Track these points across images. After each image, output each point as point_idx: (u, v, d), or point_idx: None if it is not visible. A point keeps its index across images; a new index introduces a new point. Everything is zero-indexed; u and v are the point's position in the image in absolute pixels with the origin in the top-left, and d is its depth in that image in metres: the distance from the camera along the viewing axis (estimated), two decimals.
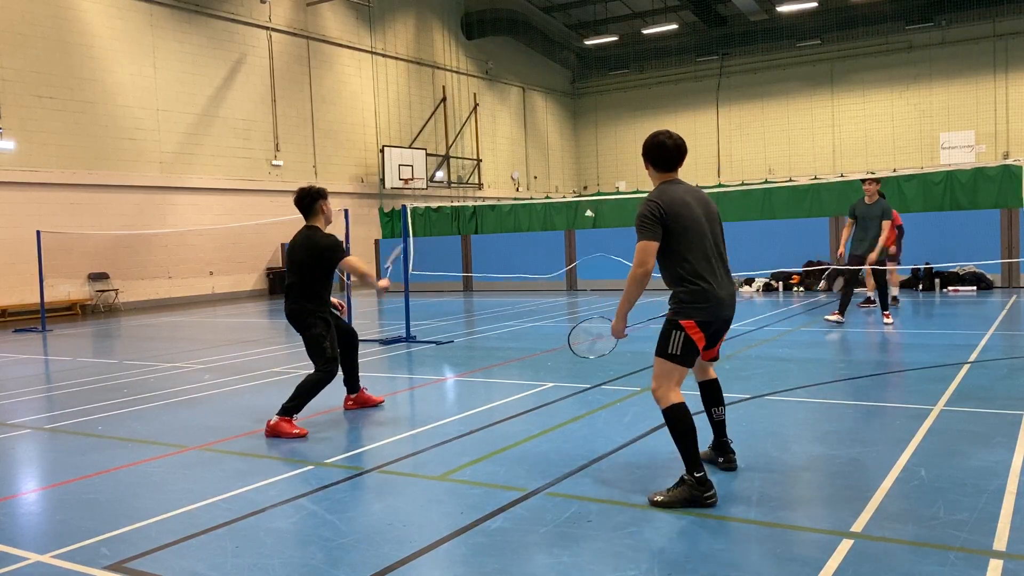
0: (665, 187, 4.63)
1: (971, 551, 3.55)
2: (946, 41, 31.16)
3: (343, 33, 27.72)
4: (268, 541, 4.02)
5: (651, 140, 4.75)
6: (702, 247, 4.53)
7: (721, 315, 4.58)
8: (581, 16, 36.75)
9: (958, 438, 5.33)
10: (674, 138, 4.69)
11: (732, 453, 4.89)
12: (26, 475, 5.71)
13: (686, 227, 4.49)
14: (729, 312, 4.63)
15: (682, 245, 4.49)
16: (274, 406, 7.46)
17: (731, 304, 4.62)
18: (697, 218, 4.55)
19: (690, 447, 4.37)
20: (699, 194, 4.73)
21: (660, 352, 4.56)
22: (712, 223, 4.65)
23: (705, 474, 4.32)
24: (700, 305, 4.49)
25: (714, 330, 4.60)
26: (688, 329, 4.50)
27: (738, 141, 35.33)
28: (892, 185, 18.51)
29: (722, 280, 4.57)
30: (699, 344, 4.54)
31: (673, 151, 4.67)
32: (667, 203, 4.50)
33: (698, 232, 4.53)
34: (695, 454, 4.36)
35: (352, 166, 28.07)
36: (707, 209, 4.65)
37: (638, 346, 10.25)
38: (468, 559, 3.72)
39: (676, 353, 4.50)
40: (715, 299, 4.50)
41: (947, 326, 11.38)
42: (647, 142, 4.76)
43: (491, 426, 6.30)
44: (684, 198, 4.57)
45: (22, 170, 18.95)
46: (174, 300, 22.38)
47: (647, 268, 4.45)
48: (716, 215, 4.71)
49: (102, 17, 20.63)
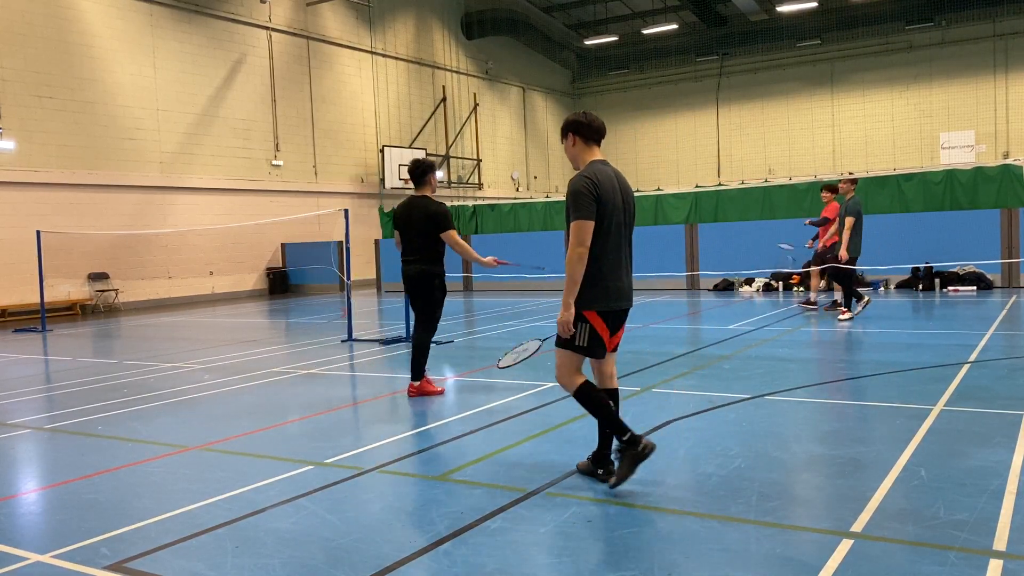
0: (596, 166, 4.58)
1: (971, 551, 3.55)
2: (946, 41, 31.16)
3: (343, 33, 27.72)
4: (268, 541, 4.02)
5: (572, 116, 4.71)
6: (616, 233, 4.55)
7: (620, 306, 4.63)
8: (581, 16, 36.75)
9: (958, 438, 5.33)
10: (593, 115, 4.71)
11: (612, 465, 4.65)
12: (26, 475, 5.71)
13: (608, 212, 4.48)
14: (627, 303, 4.67)
15: (599, 229, 4.46)
16: (274, 406, 7.48)
17: (629, 296, 4.68)
18: (617, 204, 4.54)
19: (610, 415, 4.54)
20: (623, 180, 4.70)
21: (565, 344, 4.59)
22: (627, 212, 4.64)
23: (632, 433, 4.47)
24: (604, 294, 4.54)
25: (616, 321, 4.67)
26: (592, 320, 4.55)
27: (738, 141, 35.32)
28: (892, 185, 18.52)
29: (625, 271, 4.64)
30: (603, 335, 4.61)
31: (599, 124, 4.68)
32: (599, 182, 4.47)
33: (615, 219, 4.53)
34: (616, 420, 4.52)
35: (352, 166, 28.07)
36: (626, 197, 4.64)
37: (638, 346, 10.26)
38: (468, 559, 3.72)
39: (583, 345, 4.57)
40: (615, 290, 4.56)
41: (947, 326, 11.38)
42: (570, 118, 4.70)
43: (491, 426, 6.30)
44: (612, 182, 4.55)
45: (22, 170, 18.95)
46: (174, 300, 22.38)
47: (587, 247, 4.41)
48: (633, 205, 4.70)
49: (102, 17, 20.63)
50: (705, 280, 18.89)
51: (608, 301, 4.55)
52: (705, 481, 4.66)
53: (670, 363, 8.81)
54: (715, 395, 6.97)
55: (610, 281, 4.53)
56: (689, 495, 4.46)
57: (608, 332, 4.62)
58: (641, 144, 37.40)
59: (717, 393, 7.04)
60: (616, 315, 4.64)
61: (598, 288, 4.51)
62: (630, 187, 4.72)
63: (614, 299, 4.57)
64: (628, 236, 4.66)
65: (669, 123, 36.63)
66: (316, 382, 8.69)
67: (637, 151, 37.52)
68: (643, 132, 37.34)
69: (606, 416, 4.54)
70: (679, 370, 8.35)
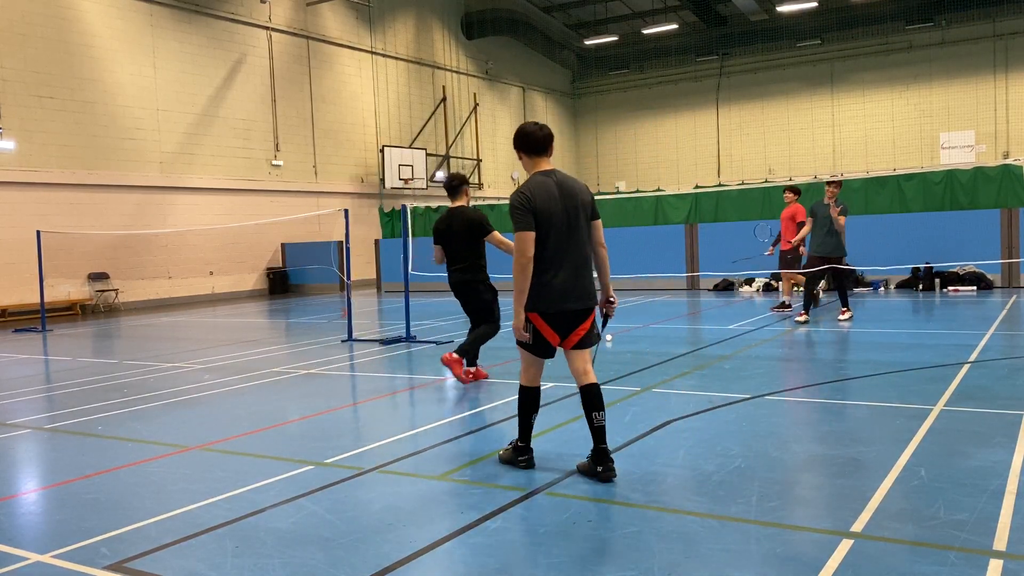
0: (536, 178, 4.81)
1: (971, 551, 3.55)
2: (946, 41, 31.16)
3: (343, 33, 27.71)
4: (268, 541, 4.02)
5: (518, 130, 4.93)
6: (556, 239, 4.71)
7: (565, 307, 4.74)
8: (581, 16, 36.75)
9: (958, 438, 5.33)
10: (540, 127, 4.91)
11: (610, 461, 4.71)
12: (26, 475, 5.71)
13: (546, 219, 4.68)
14: (575, 305, 4.76)
15: (538, 237, 4.68)
16: (274, 406, 7.48)
17: (579, 297, 4.76)
18: (558, 211, 4.70)
19: (523, 421, 5.00)
20: (570, 185, 4.82)
21: (519, 344, 4.88)
22: (575, 215, 4.76)
23: (526, 445, 5.03)
24: (543, 297, 4.72)
25: (563, 322, 4.77)
26: (534, 321, 4.77)
27: (738, 141, 35.32)
28: (892, 185, 18.51)
29: (572, 273, 4.74)
30: (549, 337, 4.78)
31: (541, 137, 4.87)
32: (535, 194, 4.70)
33: (556, 224, 4.70)
34: (524, 428, 5.01)
35: (352, 166, 28.07)
36: (573, 201, 4.76)
37: (639, 346, 10.26)
38: (468, 559, 3.72)
39: (529, 343, 4.82)
40: (558, 291, 4.71)
41: (947, 326, 11.38)
42: (515, 133, 4.95)
43: (491, 426, 6.30)
44: (551, 190, 4.73)
45: (22, 170, 18.95)
46: (174, 300, 22.38)
47: (528, 256, 4.64)
48: (584, 207, 4.80)
49: (102, 17, 20.63)
50: (705, 280, 18.90)
51: (549, 303, 4.72)
52: (705, 481, 4.66)
53: (670, 363, 8.81)
54: (715, 395, 6.96)
55: (551, 284, 4.71)
56: (689, 495, 4.46)
57: (555, 333, 4.78)
58: (641, 144, 37.39)
59: (717, 393, 7.04)
60: (562, 316, 4.76)
61: (538, 291, 4.71)
62: (579, 190, 4.83)
63: (556, 301, 4.72)
64: (577, 238, 4.78)
65: (669, 123, 36.62)
66: (316, 382, 8.69)
67: (637, 151, 37.52)
68: (643, 132, 37.33)
69: (522, 419, 5.00)
70: (679, 370, 8.36)
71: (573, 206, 4.75)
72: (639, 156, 37.41)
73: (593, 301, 4.86)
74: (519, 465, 5.02)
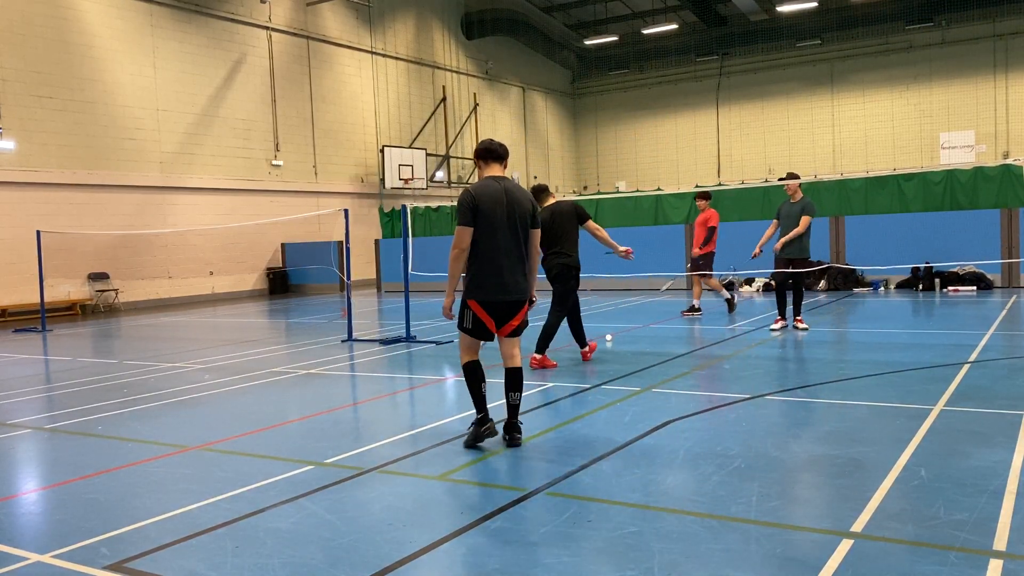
0: (486, 181, 5.50)
1: (971, 551, 3.55)
2: (946, 41, 31.16)
3: (343, 33, 27.71)
4: (268, 541, 4.02)
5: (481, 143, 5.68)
6: (497, 237, 5.37)
7: (500, 298, 5.44)
8: (581, 16, 36.74)
9: (958, 438, 5.33)
10: (500, 144, 5.67)
11: (518, 433, 5.53)
12: (26, 475, 5.71)
13: (487, 219, 5.35)
14: (509, 297, 5.45)
15: (481, 233, 5.36)
16: (274, 406, 7.49)
17: (513, 291, 5.46)
18: (499, 214, 5.38)
19: (474, 393, 5.54)
20: (516, 194, 5.49)
21: (458, 325, 5.60)
22: (515, 221, 5.43)
23: (485, 415, 5.47)
24: (483, 287, 5.43)
25: (498, 311, 5.48)
26: (473, 308, 5.49)
27: (738, 141, 35.31)
28: (892, 185, 18.51)
29: (509, 269, 5.42)
30: (486, 321, 5.49)
31: (492, 147, 5.61)
32: (479, 195, 5.38)
33: (497, 226, 5.37)
34: (476, 399, 5.52)
35: (352, 166, 28.07)
36: (516, 207, 5.44)
37: (639, 346, 10.26)
38: (468, 559, 3.72)
39: (468, 327, 5.55)
40: (493, 285, 5.41)
41: (947, 326, 11.38)
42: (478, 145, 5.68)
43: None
44: (496, 195, 5.41)
45: (22, 170, 18.95)
46: (174, 300, 22.38)
47: (461, 247, 5.36)
48: (525, 214, 5.48)
49: (102, 17, 20.63)
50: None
51: (486, 293, 5.44)
52: (705, 481, 4.66)
53: (670, 363, 8.81)
54: (715, 395, 6.97)
55: (489, 277, 5.41)
56: (689, 495, 4.46)
57: (491, 319, 5.48)
58: (641, 144, 37.39)
59: (717, 393, 7.04)
60: (497, 306, 5.46)
61: (479, 282, 5.43)
62: (523, 200, 5.51)
63: (491, 292, 5.43)
64: (516, 240, 5.44)
65: (669, 123, 36.62)
66: (316, 382, 8.69)
67: (637, 151, 37.51)
68: (643, 132, 37.32)
69: (472, 393, 5.56)
70: (679, 370, 8.36)
71: (516, 212, 5.42)
72: (639, 156, 37.40)
73: (525, 295, 5.54)
74: (483, 435, 5.43)
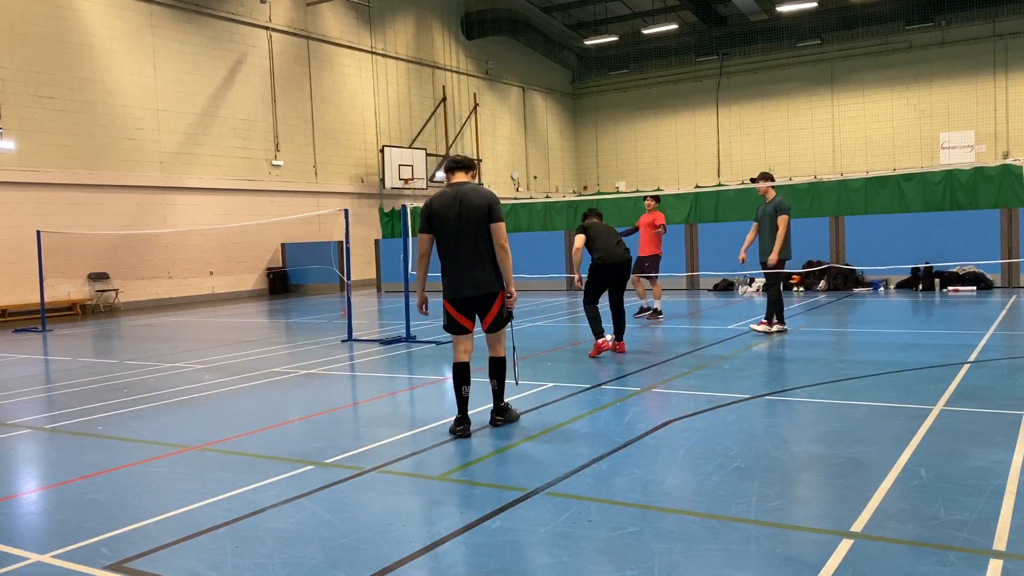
0: (441, 190, 5.96)
1: (971, 551, 3.55)
2: (946, 41, 31.16)
3: (343, 33, 27.71)
4: (268, 541, 4.02)
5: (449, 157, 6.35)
6: (452, 239, 5.81)
7: (461, 294, 5.84)
8: (581, 16, 36.74)
9: (958, 438, 5.33)
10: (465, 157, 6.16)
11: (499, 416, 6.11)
12: (26, 475, 5.71)
13: (440, 224, 5.84)
14: (469, 292, 5.82)
15: (439, 238, 5.90)
16: (274, 406, 7.49)
17: (473, 287, 5.82)
18: (451, 217, 5.79)
19: (455, 394, 5.94)
20: (469, 197, 5.80)
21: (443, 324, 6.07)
22: (469, 221, 5.76)
23: (462, 416, 5.88)
24: (446, 286, 5.90)
25: (467, 306, 5.89)
26: (445, 307, 5.96)
27: (738, 141, 35.30)
28: (892, 185, 18.51)
29: (465, 266, 5.80)
30: (458, 318, 5.90)
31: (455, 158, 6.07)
32: (432, 203, 5.91)
33: (450, 228, 5.81)
34: (457, 400, 5.93)
35: (352, 166, 28.06)
36: (467, 209, 5.77)
37: (639, 346, 10.26)
38: (468, 559, 3.72)
39: (445, 325, 6.01)
40: (454, 283, 5.84)
41: (947, 326, 11.38)
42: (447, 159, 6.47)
43: (490, 426, 6.28)
44: (447, 200, 5.84)
45: (22, 170, 18.95)
46: (174, 300, 22.38)
47: (421, 252, 5.89)
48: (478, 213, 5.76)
49: (102, 17, 20.62)
50: (705, 280, 18.90)
51: (451, 292, 5.89)
52: (705, 481, 4.66)
53: (670, 363, 8.81)
54: (715, 395, 6.97)
55: (448, 276, 5.88)
56: (689, 495, 4.46)
57: (464, 316, 5.91)
58: (641, 144, 37.38)
59: (717, 393, 7.04)
60: (464, 302, 5.87)
61: (444, 283, 5.92)
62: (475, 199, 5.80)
63: (454, 290, 5.86)
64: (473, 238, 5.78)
65: (669, 123, 36.61)
66: (316, 382, 8.69)
67: (637, 151, 37.51)
68: (643, 132, 37.32)
69: (455, 395, 5.95)
70: (679, 370, 8.36)
71: (468, 212, 5.75)
72: (639, 156, 37.39)
73: (491, 289, 5.84)
74: (456, 433, 5.82)
